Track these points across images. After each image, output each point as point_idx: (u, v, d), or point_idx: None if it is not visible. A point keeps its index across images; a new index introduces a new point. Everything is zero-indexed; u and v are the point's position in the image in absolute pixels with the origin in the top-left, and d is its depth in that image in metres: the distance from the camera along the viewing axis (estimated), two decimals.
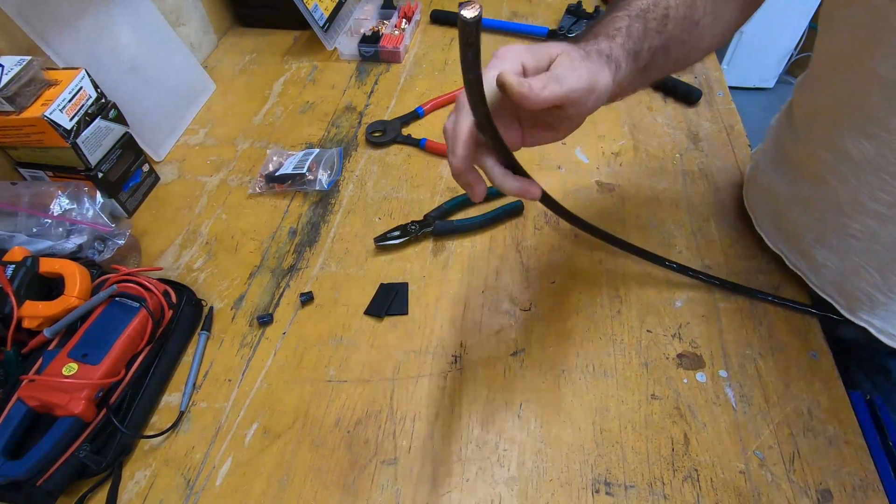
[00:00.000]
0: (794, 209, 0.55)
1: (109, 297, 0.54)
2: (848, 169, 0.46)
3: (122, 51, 0.75)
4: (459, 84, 0.86)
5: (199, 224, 0.70)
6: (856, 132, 0.45)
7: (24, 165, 0.66)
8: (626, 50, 0.41)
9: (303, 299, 0.60)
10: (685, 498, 0.46)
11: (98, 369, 0.49)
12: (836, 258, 0.52)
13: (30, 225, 0.60)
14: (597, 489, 0.47)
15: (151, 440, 0.51)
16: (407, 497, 0.47)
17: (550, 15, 1.01)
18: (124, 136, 0.68)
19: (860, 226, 0.48)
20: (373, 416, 0.52)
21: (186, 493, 0.48)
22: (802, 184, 0.54)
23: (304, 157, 0.73)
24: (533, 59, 0.37)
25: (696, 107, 0.82)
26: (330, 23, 0.93)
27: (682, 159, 0.75)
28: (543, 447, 0.50)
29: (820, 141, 0.50)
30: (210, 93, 0.89)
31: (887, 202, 0.45)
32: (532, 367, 0.55)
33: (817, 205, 0.52)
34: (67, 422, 0.47)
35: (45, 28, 0.64)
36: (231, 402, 0.54)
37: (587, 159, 0.75)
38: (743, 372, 0.53)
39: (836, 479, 0.47)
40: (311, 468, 0.49)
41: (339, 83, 0.89)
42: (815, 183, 0.51)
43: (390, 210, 0.70)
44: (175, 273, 0.64)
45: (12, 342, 0.52)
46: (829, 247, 0.52)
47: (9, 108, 0.58)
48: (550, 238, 0.66)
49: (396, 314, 0.60)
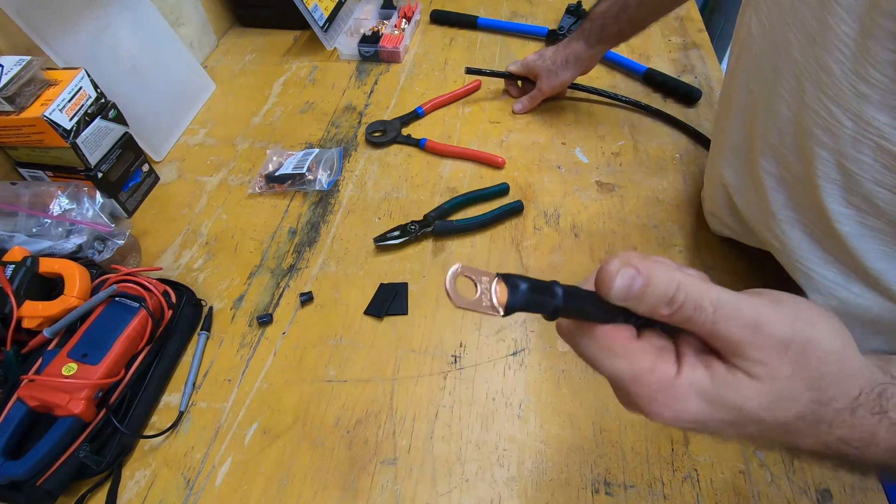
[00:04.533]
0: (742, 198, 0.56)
1: (109, 297, 0.54)
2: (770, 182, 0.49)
3: (122, 51, 0.75)
4: (459, 84, 0.86)
5: (199, 224, 0.70)
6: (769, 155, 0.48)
7: (24, 165, 0.66)
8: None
9: (303, 299, 0.60)
10: (685, 498, 0.46)
11: (98, 369, 0.49)
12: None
13: (30, 225, 0.60)
14: (596, 489, 0.47)
15: (151, 440, 0.51)
16: (407, 497, 0.47)
17: (550, 15, 1.01)
18: (124, 136, 0.68)
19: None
20: (373, 416, 0.52)
21: (186, 493, 0.48)
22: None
23: (303, 157, 0.73)
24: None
25: (696, 107, 0.82)
26: (330, 23, 0.93)
27: (682, 159, 0.75)
28: (543, 447, 0.50)
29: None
30: (210, 93, 0.89)
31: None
32: (532, 367, 0.55)
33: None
34: (67, 422, 0.47)
35: (45, 28, 0.64)
36: (231, 402, 0.54)
37: (587, 159, 0.75)
38: None
39: (836, 479, 0.47)
40: (311, 468, 0.49)
41: (339, 83, 0.89)
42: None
43: (390, 210, 0.70)
44: (175, 273, 0.64)
45: (12, 342, 0.52)
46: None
47: (9, 108, 0.58)
48: (550, 238, 0.66)
49: (396, 314, 0.59)
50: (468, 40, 0.97)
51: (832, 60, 0.39)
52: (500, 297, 0.23)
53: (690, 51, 0.91)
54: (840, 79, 0.39)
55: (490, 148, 0.77)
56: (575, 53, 0.75)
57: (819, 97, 0.41)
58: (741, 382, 0.24)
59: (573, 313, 0.26)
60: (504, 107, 0.84)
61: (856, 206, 0.43)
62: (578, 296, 0.25)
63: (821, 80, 0.40)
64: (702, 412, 0.24)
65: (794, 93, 0.43)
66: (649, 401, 0.24)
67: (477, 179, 0.73)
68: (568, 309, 0.25)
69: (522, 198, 0.69)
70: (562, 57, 0.76)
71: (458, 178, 0.73)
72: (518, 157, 0.76)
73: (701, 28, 0.96)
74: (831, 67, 0.39)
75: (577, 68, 0.77)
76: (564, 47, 0.76)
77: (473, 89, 0.86)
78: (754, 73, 0.49)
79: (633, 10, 0.70)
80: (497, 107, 0.84)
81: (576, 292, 0.25)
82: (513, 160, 0.75)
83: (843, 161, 0.41)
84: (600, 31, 0.73)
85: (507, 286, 0.23)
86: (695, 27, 0.96)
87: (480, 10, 1.01)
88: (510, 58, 0.92)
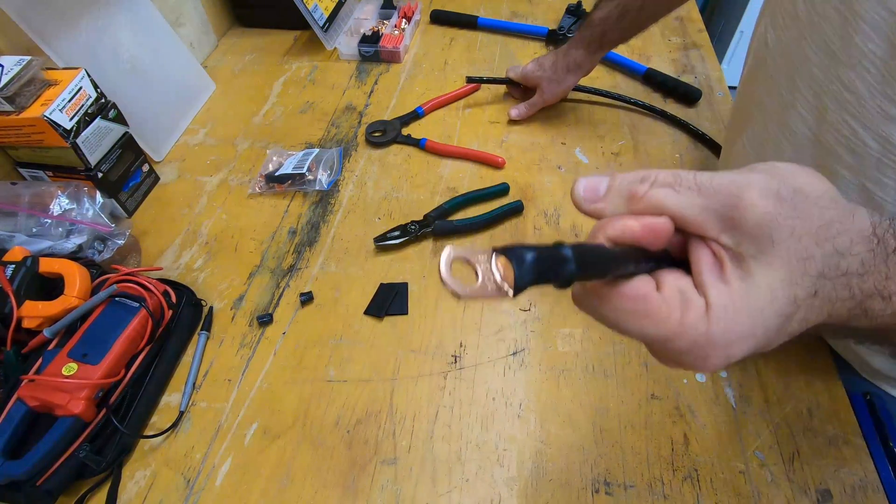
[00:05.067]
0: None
1: (109, 297, 0.54)
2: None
3: (122, 51, 0.75)
4: (459, 84, 0.86)
5: (199, 224, 0.70)
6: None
7: (24, 165, 0.66)
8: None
9: (303, 299, 0.60)
10: (685, 498, 0.46)
11: (98, 369, 0.49)
12: None
13: (30, 225, 0.60)
14: (596, 489, 0.47)
15: (151, 440, 0.51)
16: (407, 497, 0.47)
17: (550, 15, 1.01)
18: (124, 136, 0.68)
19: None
20: (373, 416, 0.52)
21: (186, 493, 0.48)
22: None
23: (303, 157, 0.73)
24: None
25: (696, 107, 0.82)
26: (330, 23, 0.93)
27: (682, 159, 0.75)
28: (543, 447, 0.50)
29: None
30: (210, 93, 0.89)
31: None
32: (532, 367, 0.55)
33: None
34: (67, 422, 0.47)
35: (45, 28, 0.64)
36: (231, 402, 0.54)
37: (587, 159, 0.75)
38: (743, 372, 0.53)
39: (836, 479, 0.47)
40: (311, 468, 0.49)
41: (339, 83, 0.89)
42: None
43: (390, 210, 0.70)
44: (175, 273, 0.64)
45: (12, 342, 0.52)
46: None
47: (9, 108, 0.58)
48: (550, 238, 0.66)
49: (396, 314, 0.59)
50: (468, 40, 0.97)
51: (858, 79, 0.38)
52: (506, 274, 0.20)
53: (690, 51, 0.91)
54: (866, 99, 0.38)
55: (490, 148, 0.77)
56: (576, 62, 0.75)
57: (843, 116, 0.40)
58: (758, 276, 0.23)
59: (590, 273, 0.23)
60: (504, 107, 0.83)
61: None
62: (589, 254, 0.23)
63: (844, 98, 0.39)
64: (745, 343, 0.23)
65: (814, 110, 0.42)
66: (693, 358, 0.24)
67: (477, 179, 0.73)
68: (583, 271, 0.22)
69: (522, 198, 0.69)
70: (562, 65, 0.75)
71: (458, 178, 0.73)
72: (518, 157, 0.76)
73: (701, 28, 0.96)
74: (856, 86, 0.38)
75: (579, 75, 0.76)
76: (564, 55, 0.75)
77: (473, 90, 0.86)
78: (768, 87, 0.48)
79: (633, 14, 0.69)
80: (497, 107, 0.84)
81: (586, 250, 0.22)
82: (513, 160, 0.75)
83: (865, 183, 0.40)
84: (601, 38, 0.72)
85: (510, 261, 0.20)
86: (695, 27, 0.96)
87: (480, 10, 1.01)
88: (510, 58, 0.92)
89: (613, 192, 0.25)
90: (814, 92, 0.42)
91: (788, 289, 0.23)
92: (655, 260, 0.25)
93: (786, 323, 0.23)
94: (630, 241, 0.24)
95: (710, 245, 0.24)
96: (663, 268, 0.25)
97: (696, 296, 0.24)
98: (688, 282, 0.24)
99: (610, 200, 0.25)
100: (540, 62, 0.78)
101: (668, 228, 0.24)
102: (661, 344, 0.24)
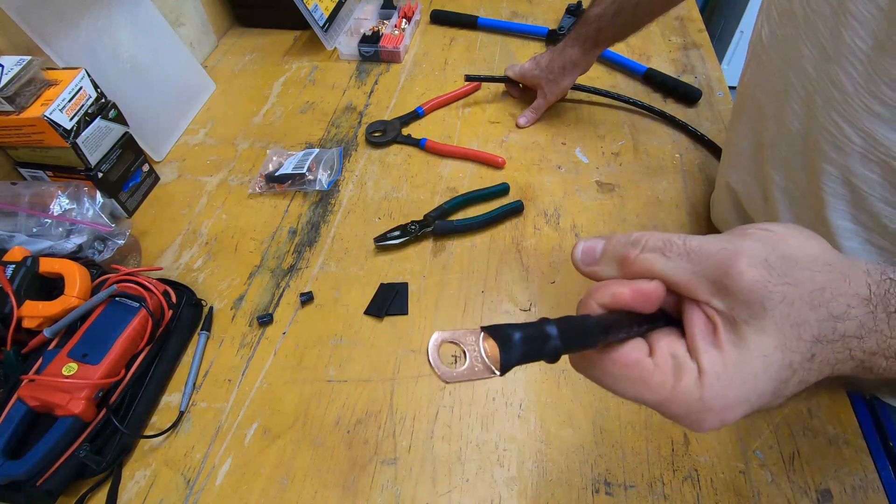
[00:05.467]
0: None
1: (109, 297, 0.54)
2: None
3: (122, 51, 0.75)
4: (459, 84, 0.86)
5: (199, 224, 0.70)
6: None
7: (24, 165, 0.66)
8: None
9: (303, 299, 0.60)
10: (685, 498, 0.46)
11: (98, 369, 0.49)
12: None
13: (30, 225, 0.60)
14: (597, 489, 0.47)
15: (151, 440, 0.51)
16: (407, 497, 0.47)
17: (550, 15, 1.01)
18: (124, 136, 0.68)
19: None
20: (373, 416, 0.52)
21: (186, 493, 0.48)
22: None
23: (304, 157, 0.73)
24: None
25: (696, 107, 0.82)
26: (330, 23, 0.93)
27: (682, 159, 0.75)
28: (543, 447, 0.50)
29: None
30: (210, 93, 0.89)
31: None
32: (532, 367, 0.55)
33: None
34: (67, 422, 0.47)
35: (45, 28, 0.64)
36: (231, 402, 0.54)
37: (587, 159, 0.75)
38: None
39: (836, 479, 0.47)
40: (311, 468, 0.49)
41: (339, 83, 0.89)
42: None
43: (390, 210, 0.70)
44: (175, 273, 0.64)
45: (12, 342, 0.52)
46: None
47: (9, 108, 0.58)
48: (550, 238, 0.66)
49: (396, 314, 0.59)
50: (468, 40, 0.97)
51: (844, 76, 0.38)
52: (492, 354, 0.21)
53: (690, 51, 0.91)
54: (852, 95, 0.38)
55: (490, 148, 0.77)
56: (572, 60, 0.75)
57: (829, 113, 0.40)
58: (751, 342, 0.23)
59: (575, 346, 0.24)
60: (504, 107, 0.84)
61: (862, 223, 0.42)
62: (574, 326, 0.23)
63: (832, 95, 0.39)
64: (740, 408, 0.23)
65: (805, 106, 0.43)
66: (688, 422, 0.24)
67: (477, 179, 0.73)
68: (569, 346, 0.23)
69: (522, 198, 0.69)
70: (559, 64, 0.75)
71: (459, 178, 0.73)
72: (518, 157, 0.76)
73: (701, 28, 0.96)
74: (843, 83, 0.38)
75: (575, 73, 0.76)
76: (560, 54, 0.75)
77: (474, 89, 0.86)
78: (765, 83, 0.48)
79: (629, 11, 0.69)
80: (497, 107, 0.84)
81: (570, 323, 0.23)
82: (513, 160, 0.75)
83: (850, 178, 0.41)
84: (596, 35, 0.72)
85: (496, 342, 0.21)
86: (695, 27, 0.96)
87: (480, 10, 1.01)
88: (510, 58, 0.92)
89: (608, 256, 0.26)
90: (805, 89, 0.42)
91: (783, 354, 0.23)
92: (650, 321, 0.25)
93: (781, 387, 0.24)
94: (621, 307, 0.24)
95: (704, 308, 0.24)
96: (658, 327, 0.26)
97: (689, 361, 0.24)
98: (681, 345, 0.25)
99: (605, 263, 0.26)
100: (537, 61, 0.78)
101: (658, 293, 0.24)
102: (656, 407, 0.24)
